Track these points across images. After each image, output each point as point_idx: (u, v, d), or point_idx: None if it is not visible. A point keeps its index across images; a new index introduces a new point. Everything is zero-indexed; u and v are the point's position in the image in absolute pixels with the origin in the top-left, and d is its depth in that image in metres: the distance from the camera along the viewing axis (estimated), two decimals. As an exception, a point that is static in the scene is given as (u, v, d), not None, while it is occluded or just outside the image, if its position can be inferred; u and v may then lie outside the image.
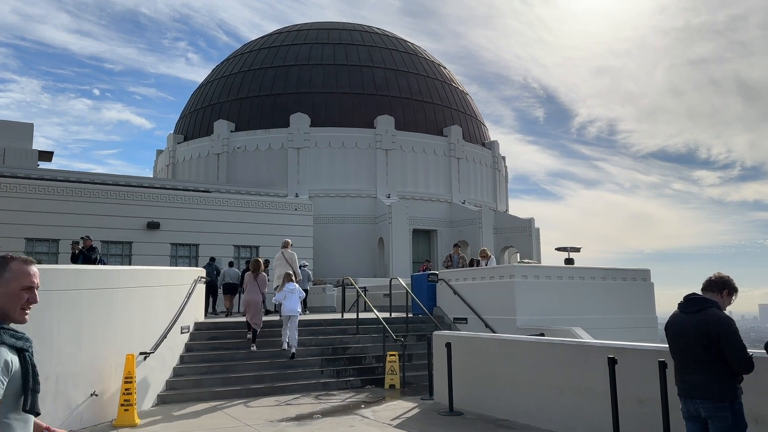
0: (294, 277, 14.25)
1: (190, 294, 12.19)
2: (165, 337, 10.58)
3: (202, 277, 13.38)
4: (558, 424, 7.94)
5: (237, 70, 36.05)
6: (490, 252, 19.97)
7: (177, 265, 24.00)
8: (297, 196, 30.49)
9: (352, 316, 14.83)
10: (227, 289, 19.80)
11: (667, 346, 4.81)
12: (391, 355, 12.02)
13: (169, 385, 10.86)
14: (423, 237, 33.04)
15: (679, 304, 4.63)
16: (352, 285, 17.04)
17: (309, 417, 9.12)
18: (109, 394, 8.90)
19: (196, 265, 23.01)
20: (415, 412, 9.56)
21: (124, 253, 25.10)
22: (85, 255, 16.38)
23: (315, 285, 23.64)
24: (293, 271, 15.36)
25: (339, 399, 10.70)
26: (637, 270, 15.60)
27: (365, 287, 19.02)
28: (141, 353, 9.68)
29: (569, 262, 17.03)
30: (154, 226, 25.35)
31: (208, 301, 19.54)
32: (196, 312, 13.27)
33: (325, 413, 9.40)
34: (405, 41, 39.01)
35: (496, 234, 33.42)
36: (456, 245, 21.56)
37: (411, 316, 15.17)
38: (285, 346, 12.51)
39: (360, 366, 12.69)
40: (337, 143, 31.93)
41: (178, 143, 36.06)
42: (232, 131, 33.17)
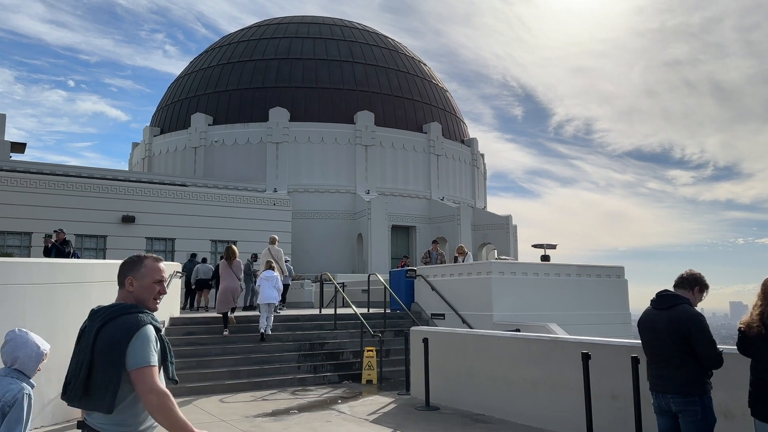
0: (281, 273, 14.37)
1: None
2: (140, 332, 10.45)
3: (177, 271, 13.26)
4: (533, 419, 8.03)
5: (215, 62, 35.68)
6: (467, 248, 20.09)
7: (153, 260, 23.67)
8: (275, 191, 30.32)
9: (330, 311, 14.82)
10: (200, 285, 19.74)
11: (639, 341, 4.89)
12: (368, 350, 12.03)
13: (144, 380, 10.73)
14: (402, 233, 33.11)
15: (651, 301, 4.71)
16: (331, 281, 17.03)
17: (285, 412, 9.11)
18: (83, 390, 8.77)
19: (173, 260, 22.77)
20: (391, 407, 9.59)
21: (98, 246, 24.73)
22: (58, 249, 16.11)
23: (294, 280, 23.55)
24: (280, 268, 15.45)
25: (316, 394, 10.70)
26: (611, 267, 15.84)
27: (343, 283, 19.02)
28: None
29: (545, 258, 17.20)
30: (129, 219, 25.02)
31: (190, 297, 19.72)
32: (172, 307, 13.15)
33: (302, 408, 9.39)
34: (386, 37, 38.97)
35: (474, 231, 33.62)
36: (435, 241, 21.67)
37: (389, 311, 15.21)
38: (262, 330, 12.78)
39: (337, 361, 12.69)
40: (316, 138, 31.81)
41: (155, 136, 35.61)
42: (209, 125, 32.84)
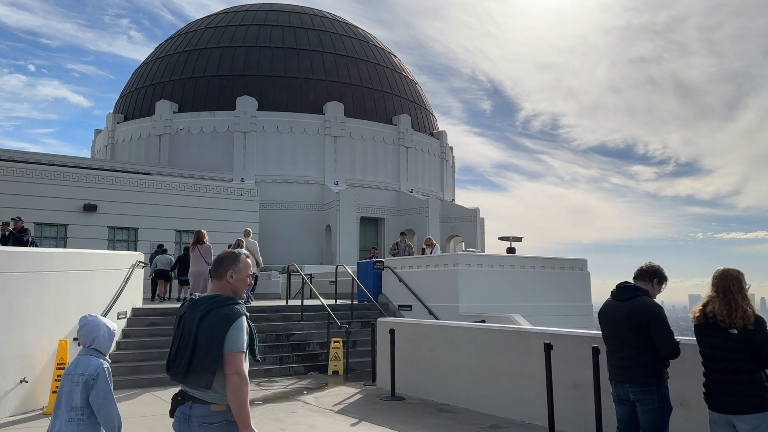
0: (257, 265, 14.57)
1: (128, 279, 11.85)
2: (101, 322, 10.24)
3: (140, 261, 13.01)
4: (497, 408, 8.14)
5: (181, 49, 34.97)
6: (435, 240, 20.20)
7: (115, 250, 23.24)
8: (243, 181, 29.96)
9: (297, 303, 14.75)
10: (159, 275, 19.62)
11: (600, 332, 4.99)
12: (335, 341, 12.03)
13: (105, 371, 10.54)
14: (370, 225, 33.10)
15: (612, 292, 4.80)
16: (298, 272, 16.95)
17: (250, 403, 9.02)
18: (41, 381, 8.57)
19: (135, 250, 22.34)
20: (357, 397, 9.61)
21: (59, 235, 24.09)
22: (15, 237, 15.64)
23: (261, 272, 23.38)
24: (256, 260, 15.51)
25: (281, 385, 10.65)
26: (574, 260, 16.12)
27: (311, 274, 18.94)
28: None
29: (511, 251, 17.42)
30: (91, 208, 24.42)
31: (157, 288, 19.65)
32: (134, 297, 12.92)
33: (267, 399, 9.34)
34: (356, 27, 38.73)
35: (442, 223, 33.81)
36: (402, 233, 21.76)
37: (356, 303, 15.21)
38: None
39: (304, 353, 12.65)
40: (285, 128, 31.49)
41: (118, 123, 34.77)
42: (175, 112, 32.21)
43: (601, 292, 4.97)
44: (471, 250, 24.94)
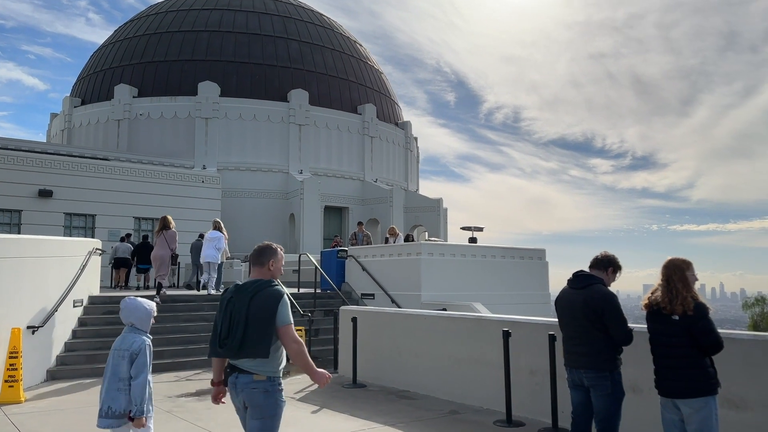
0: (225, 255, 14.86)
1: (84, 266, 11.57)
2: (56, 310, 10.00)
3: (97, 249, 12.72)
4: (456, 395, 8.27)
5: (142, 32, 34.07)
6: (398, 230, 20.31)
7: (71, 236, 22.64)
8: (204, 168, 29.47)
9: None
10: (118, 264, 19.36)
11: (557, 320, 5.12)
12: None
13: (60, 360, 10.32)
14: (335, 214, 33.02)
15: (568, 281, 4.92)
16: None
17: (209, 392, 8.94)
18: (-9, 371, 8.32)
19: (93, 237, 21.82)
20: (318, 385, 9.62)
21: (12, 221, 23.33)
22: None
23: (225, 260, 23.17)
24: (223, 250, 15.52)
25: (242, 374, 10.58)
26: (533, 249, 16.43)
27: (274, 263, 18.79)
28: (29, 327, 9.11)
29: (473, 241, 17.63)
30: (46, 194, 23.70)
31: (121, 276, 19.56)
32: (91, 285, 12.64)
33: (228, 388, 9.28)
34: (321, 15, 38.36)
35: (406, 213, 33.95)
36: (360, 223, 21.91)
37: (320, 291, 15.19)
38: (203, 281, 14.22)
39: (265, 341, 12.57)
40: (248, 115, 31.06)
41: (75, 107, 33.73)
42: (134, 97, 31.42)
43: (559, 281, 5.10)
44: (433, 239, 25.13)
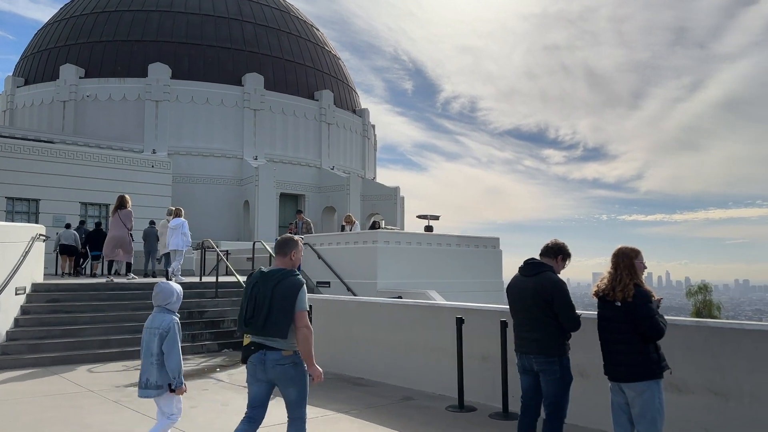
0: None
1: (27, 252, 11.12)
2: (-5, 299, 9.59)
3: (41, 234, 12.24)
4: (410, 381, 8.33)
5: (89, 11, 32.77)
6: (355, 218, 20.25)
7: (14, 221, 21.73)
8: (154, 153, 28.67)
9: (212, 279, 14.40)
10: (64, 251, 18.84)
11: (508, 307, 5.18)
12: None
13: (2, 349, 9.91)
14: (291, 201, 32.69)
15: (519, 268, 4.98)
16: (213, 248, 16.52)
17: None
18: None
19: (36, 222, 21.00)
20: (272, 373, 9.54)
21: (-52, 206, 22.24)
22: None
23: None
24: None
25: (194, 363, 10.41)
26: (488, 238, 16.65)
27: (227, 251, 18.51)
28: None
29: (429, 229, 17.72)
30: (-15, 177, 22.65)
31: (66, 263, 19.14)
32: (34, 272, 12.16)
33: (178, 377, 9.09)
34: (277, -2, 37.68)
35: (363, 201, 33.90)
36: (299, 211, 21.98)
37: (273, 279, 15.02)
38: (170, 270, 14.71)
39: (217, 330, 12.39)
40: (201, 99, 30.32)
41: (18, 87, 32.27)
42: (81, 77, 30.26)
43: (513, 269, 5.16)
44: (389, 227, 25.18)
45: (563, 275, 4.99)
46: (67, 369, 9.52)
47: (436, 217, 18.84)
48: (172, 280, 14.63)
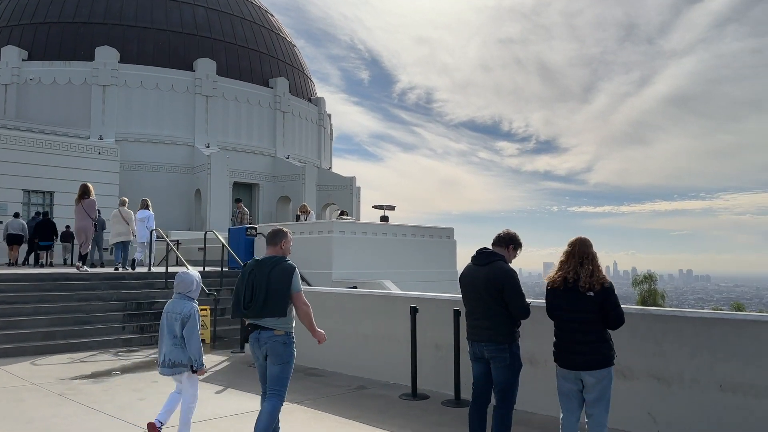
0: (132, 234, 14.53)
1: (-36, 242, 10.61)
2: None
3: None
4: (365, 370, 8.35)
5: (32, -11, 31.32)
6: (310, 208, 20.12)
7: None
8: (101, 139, 27.74)
9: (162, 270, 14.07)
10: (11, 240, 18.25)
11: (461, 295, 5.22)
12: (201, 309, 11.64)
13: (-66, 345, 9.45)
14: (244, 190, 32.18)
15: (471, 257, 5.03)
16: (163, 237, 16.14)
17: (107, 374, 8.54)
18: None
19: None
20: (224, 365, 9.43)
21: None
22: None
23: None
24: (132, 229, 14.99)
25: (142, 355, 10.17)
26: (442, 228, 16.80)
27: (178, 240, 18.14)
28: None
29: (384, 219, 17.75)
30: None
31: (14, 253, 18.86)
32: (-28, 263, 11.63)
33: (125, 370, 8.88)
34: (231, -18, 36.82)
35: (318, 191, 33.67)
36: (238, 200, 21.95)
37: (227, 270, 14.80)
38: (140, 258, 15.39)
39: (168, 320, 12.13)
40: (150, 84, 29.43)
41: (-46, 68, 30.64)
42: (24, 60, 28.94)
43: (467, 259, 5.22)
44: (345, 217, 25.13)
45: (515, 265, 5.06)
46: (9, 361, 9.16)
47: (392, 208, 18.89)
48: (127, 269, 14.61)
